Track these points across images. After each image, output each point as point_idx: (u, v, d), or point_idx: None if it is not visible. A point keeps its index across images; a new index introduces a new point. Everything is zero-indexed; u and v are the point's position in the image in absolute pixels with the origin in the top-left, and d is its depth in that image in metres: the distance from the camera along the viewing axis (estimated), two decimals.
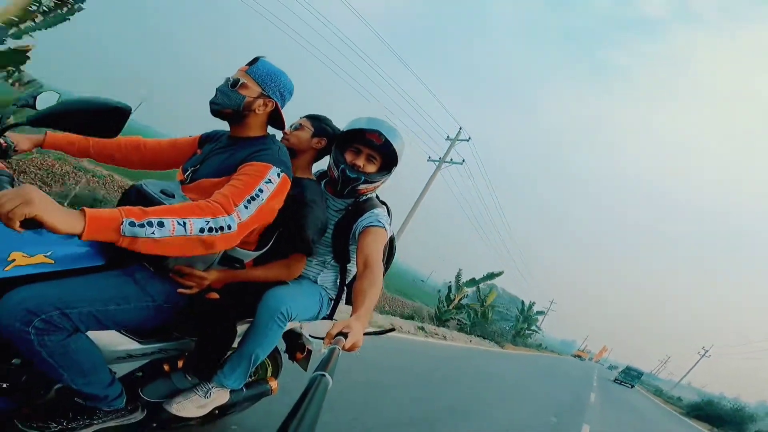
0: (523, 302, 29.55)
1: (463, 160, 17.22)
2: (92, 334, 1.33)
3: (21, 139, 1.53)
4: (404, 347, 8.58)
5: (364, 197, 1.86)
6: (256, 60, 1.52)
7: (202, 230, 1.18)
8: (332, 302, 1.95)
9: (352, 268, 1.95)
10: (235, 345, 1.65)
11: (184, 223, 1.14)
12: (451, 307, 17.21)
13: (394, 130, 1.79)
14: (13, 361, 1.27)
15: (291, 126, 1.84)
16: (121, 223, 1.04)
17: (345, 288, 1.97)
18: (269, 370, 2.11)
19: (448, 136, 17.07)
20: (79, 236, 0.99)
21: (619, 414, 11.95)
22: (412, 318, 14.96)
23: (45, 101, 1.49)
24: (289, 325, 1.76)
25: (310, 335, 2.05)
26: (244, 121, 1.52)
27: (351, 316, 1.26)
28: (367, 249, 1.60)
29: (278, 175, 1.42)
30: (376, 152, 1.77)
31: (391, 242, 2.02)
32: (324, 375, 0.83)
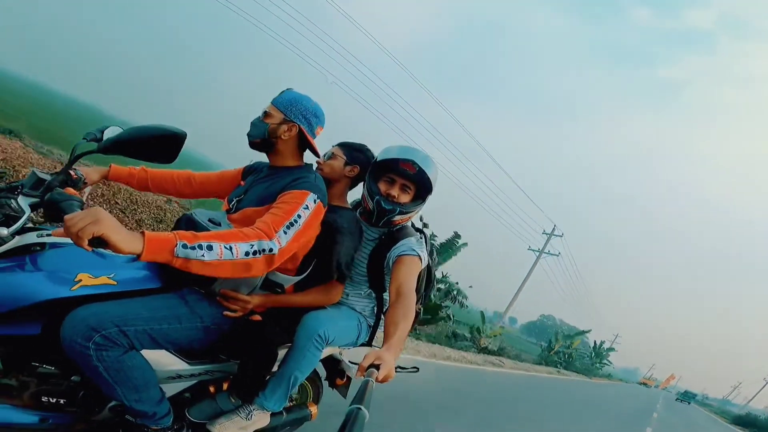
0: (595, 342, 36.43)
1: (559, 253, 21.77)
2: (145, 354, 1.40)
3: (90, 171, 1.68)
4: (570, 384, 17.30)
5: (399, 225, 1.85)
6: (282, 92, 1.63)
7: (247, 254, 1.26)
8: (371, 329, 1.95)
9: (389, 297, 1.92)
10: (276, 369, 1.68)
11: (231, 248, 1.23)
12: (551, 353, 24.77)
13: (428, 158, 1.78)
14: (73, 378, 1.37)
15: (324, 155, 1.88)
16: (175, 245, 1.13)
17: (382, 316, 1.94)
18: (310, 395, 2.11)
19: (544, 231, 21.78)
20: (139, 256, 1.08)
21: (672, 413, 21.69)
22: (516, 359, 18.71)
23: (111, 135, 1.60)
24: (328, 350, 1.80)
25: (349, 361, 2.03)
26: (276, 148, 1.61)
27: (382, 346, 1.27)
28: (399, 278, 1.62)
29: (314, 201, 1.49)
30: (410, 182, 1.77)
31: (429, 271, 2.01)
32: (360, 408, 0.85)
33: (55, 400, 1.38)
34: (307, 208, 1.47)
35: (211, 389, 1.69)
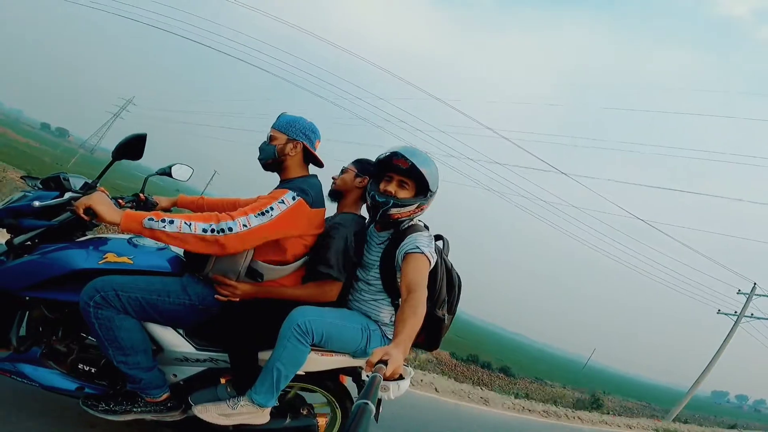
0: None
1: None
2: (157, 332, 1.63)
3: (162, 199, 2.06)
4: None
5: (406, 224, 1.80)
6: (279, 116, 1.80)
7: (204, 230, 1.44)
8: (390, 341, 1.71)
9: None
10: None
11: (190, 224, 1.43)
12: None
13: (422, 154, 1.76)
14: (87, 341, 1.63)
15: (339, 171, 2.00)
16: (144, 219, 1.39)
17: None
18: (336, 414, 1.99)
19: (739, 290, 17.31)
20: (118, 225, 1.38)
21: None
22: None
23: (178, 171, 2.07)
24: (341, 359, 1.76)
25: (367, 375, 1.72)
26: (284, 165, 1.76)
27: (391, 342, 1.27)
28: (408, 276, 1.58)
29: (293, 198, 1.61)
30: (407, 177, 1.75)
31: (449, 274, 1.91)
32: (367, 403, 0.84)
33: (88, 368, 1.64)
34: (282, 202, 1.60)
35: (222, 381, 1.72)
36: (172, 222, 1.43)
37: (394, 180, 1.79)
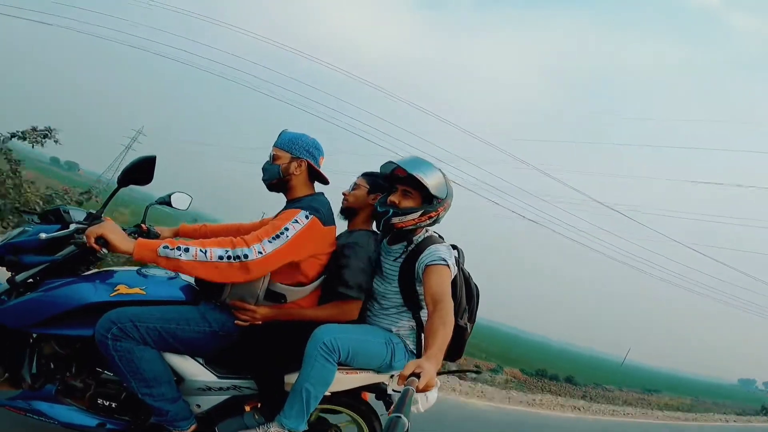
0: None
1: None
2: (176, 362, 1.57)
3: (164, 230, 2.03)
4: None
5: (421, 237, 1.79)
6: (280, 134, 1.74)
7: (220, 258, 1.39)
8: (413, 351, 1.80)
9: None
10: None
11: (206, 251, 1.38)
12: None
13: (423, 163, 1.73)
14: (125, 385, 1.54)
15: (350, 186, 1.94)
16: (158, 247, 1.34)
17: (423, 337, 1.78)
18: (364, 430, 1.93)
19: None
20: (131, 255, 1.32)
21: None
22: None
23: (178, 200, 2.08)
24: (365, 376, 1.75)
25: (394, 390, 1.89)
26: (290, 184, 1.71)
27: (422, 355, 1.27)
28: (432, 288, 1.57)
29: (306, 217, 1.57)
30: (409, 186, 1.73)
31: (468, 283, 1.89)
32: (400, 417, 0.82)
33: (108, 403, 1.58)
34: (297, 222, 1.56)
35: (247, 408, 1.69)
36: (187, 250, 1.38)
37: (398, 190, 1.76)
